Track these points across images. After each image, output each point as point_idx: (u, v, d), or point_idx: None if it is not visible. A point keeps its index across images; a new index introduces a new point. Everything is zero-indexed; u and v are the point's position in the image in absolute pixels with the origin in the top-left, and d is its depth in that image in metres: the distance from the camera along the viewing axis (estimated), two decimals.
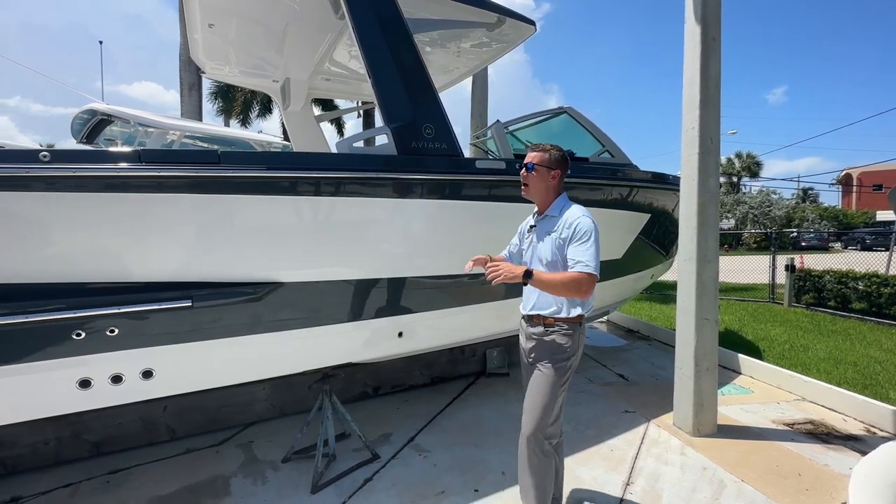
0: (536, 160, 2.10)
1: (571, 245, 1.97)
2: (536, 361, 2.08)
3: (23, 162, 1.82)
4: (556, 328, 2.03)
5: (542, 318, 2.07)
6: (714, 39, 3.03)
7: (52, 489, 2.55)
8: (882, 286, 6.46)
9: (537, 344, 2.08)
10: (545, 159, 2.10)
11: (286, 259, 2.42)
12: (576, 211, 2.05)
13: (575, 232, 1.97)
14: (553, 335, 2.03)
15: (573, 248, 1.96)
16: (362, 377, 3.72)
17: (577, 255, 1.93)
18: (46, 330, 1.97)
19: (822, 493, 2.48)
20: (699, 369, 3.09)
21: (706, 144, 3.05)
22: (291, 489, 2.54)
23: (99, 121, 6.14)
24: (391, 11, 2.75)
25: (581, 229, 1.97)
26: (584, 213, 2.04)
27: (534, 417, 2.04)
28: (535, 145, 2.17)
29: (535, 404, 2.04)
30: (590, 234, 1.96)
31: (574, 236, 1.97)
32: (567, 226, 2.01)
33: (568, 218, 2.03)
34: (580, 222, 1.98)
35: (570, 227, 1.99)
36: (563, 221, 2.03)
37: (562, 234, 2.01)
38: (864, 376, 4.08)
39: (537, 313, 2.08)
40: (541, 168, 2.09)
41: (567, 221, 2.02)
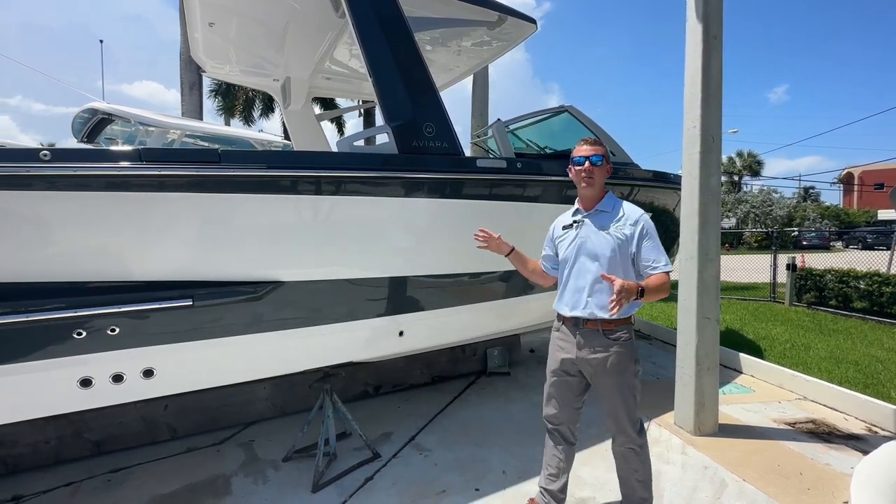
0: (602, 153, 2.06)
1: (644, 245, 1.95)
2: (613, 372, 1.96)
3: (24, 161, 1.81)
4: (620, 333, 1.96)
5: (598, 321, 1.96)
6: (715, 38, 3.02)
7: (53, 488, 2.56)
8: (883, 285, 6.45)
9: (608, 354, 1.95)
10: (606, 153, 2.08)
11: (287, 258, 2.42)
12: (634, 208, 2.05)
13: (643, 231, 1.96)
14: (621, 342, 1.96)
15: (647, 248, 1.95)
16: (363, 376, 3.72)
17: (655, 256, 1.94)
18: (47, 329, 1.97)
19: (823, 492, 2.48)
20: (700, 368, 3.08)
21: (707, 143, 3.05)
22: (292, 488, 2.54)
23: (99, 120, 6.15)
24: (392, 10, 2.74)
25: (648, 228, 1.98)
26: (643, 211, 2.05)
27: (627, 426, 2.02)
28: (586, 139, 2.13)
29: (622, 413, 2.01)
30: (655, 231, 1.99)
31: (643, 235, 1.96)
32: (630, 223, 1.98)
33: (629, 215, 2.01)
34: (645, 220, 1.99)
35: (636, 224, 1.97)
36: (622, 218, 2.00)
37: (625, 231, 1.97)
38: (865, 375, 4.08)
39: (596, 317, 1.95)
40: (606, 163, 2.07)
41: (629, 218, 2.00)
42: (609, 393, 2.01)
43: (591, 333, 1.99)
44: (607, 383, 2.00)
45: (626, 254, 1.97)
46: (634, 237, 1.95)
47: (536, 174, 3.13)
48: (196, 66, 5.88)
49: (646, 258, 1.95)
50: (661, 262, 1.93)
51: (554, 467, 2.18)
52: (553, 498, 2.17)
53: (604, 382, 2.01)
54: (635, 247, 1.96)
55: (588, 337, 1.99)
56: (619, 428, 2.05)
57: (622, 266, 1.96)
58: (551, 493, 2.17)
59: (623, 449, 2.08)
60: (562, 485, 2.17)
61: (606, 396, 2.03)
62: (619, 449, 2.10)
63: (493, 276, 3.16)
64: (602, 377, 2.00)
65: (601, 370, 1.98)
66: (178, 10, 8.54)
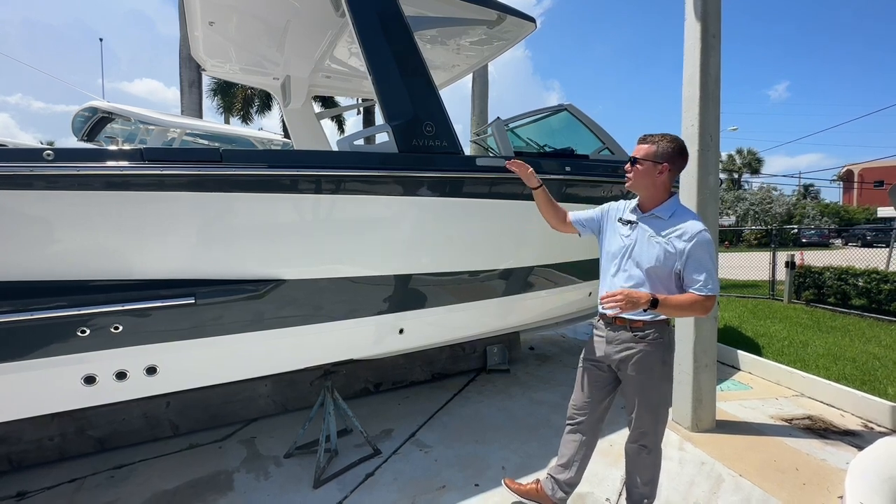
0: (642, 154, 1.94)
1: (692, 261, 1.83)
2: (636, 368, 1.94)
3: (27, 161, 1.83)
4: (652, 331, 1.92)
5: (628, 321, 1.94)
6: (714, 37, 3.03)
7: (57, 484, 2.58)
8: (882, 282, 6.46)
9: (633, 351, 1.94)
10: (651, 152, 1.92)
11: (288, 256, 2.44)
12: (694, 221, 1.88)
13: (696, 247, 1.83)
14: (649, 340, 1.92)
15: (695, 265, 1.83)
16: (364, 374, 3.74)
17: (702, 276, 1.82)
18: (52, 327, 1.99)
19: (819, 487, 2.51)
20: (698, 365, 3.11)
21: (706, 142, 3.06)
22: (294, 484, 2.57)
23: (100, 118, 6.16)
24: (391, 9, 2.75)
25: (703, 245, 1.83)
26: (703, 226, 1.87)
27: (650, 425, 2.02)
28: (646, 136, 1.98)
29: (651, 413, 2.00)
30: (712, 251, 1.86)
31: (694, 252, 1.83)
32: (685, 237, 1.84)
33: (685, 227, 1.86)
34: (701, 236, 1.83)
35: (690, 240, 1.83)
36: (677, 229, 1.87)
37: (676, 245, 1.85)
38: (862, 372, 4.10)
39: (623, 316, 1.93)
40: (646, 162, 1.91)
41: (684, 231, 1.85)
42: (631, 389, 2.01)
43: (619, 330, 1.98)
44: (630, 380, 1.99)
45: (671, 267, 1.87)
46: (684, 253, 1.84)
47: (536, 173, 3.14)
48: (195, 64, 5.88)
49: (687, 277, 1.85)
50: (699, 283, 1.82)
51: (566, 457, 2.20)
52: (559, 487, 2.19)
53: (627, 379, 2.00)
54: (682, 264, 1.85)
55: (617, 333, 1.99)
56: (636, 425, 2.04)
57: (664, 278, 1.88)
58: (557, 482, 2.20)
59: (636, 446, 2.08)
60: (570, 477, 2.19)
61: (628, 392, 2.04)
62: (633, 446, 2.10)
63: (492, 274, 3.18)
64: (626, 373, 1.99)
65: (626, 367, 1.98)
66: (177, 8, 8.53)
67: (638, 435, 2.06)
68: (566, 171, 3.24)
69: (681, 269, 1.86)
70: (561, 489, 2.19)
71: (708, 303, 1.83)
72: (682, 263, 1.85)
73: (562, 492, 2.19)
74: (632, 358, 1.95)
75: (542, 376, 4.21)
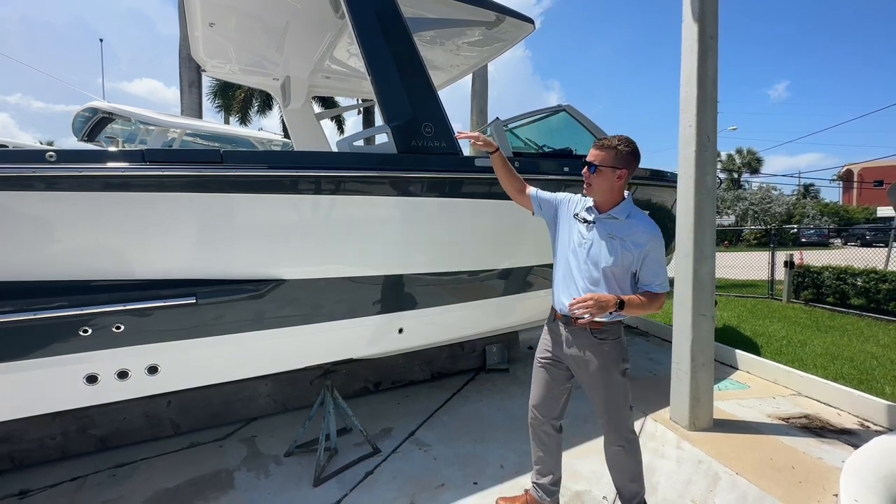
0: (599, 160, 1.95)
1: (650, 261, 1.92)
2: (600, 370, 1.98)
3: (30, 162, 1.85)
4: (608, 333, 1.97)
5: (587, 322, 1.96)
6: (711, 38, 3.05)
7: (59, 482, 2.60)
8: (880, 282, 6.49)
9: (594, 353, 1.98)
10: (610, 158, 1.94)
11: (288, 257, 2.46)
12: (649, 222, 1.97)
13: (653, 247, 1.91)
14: (608, 341, 1.97)
15: (651, 265, 1.92)
16: (363, 373, 3.76)
17: (652, 277, 1.92)
18: (54, 327, 2.00)
19: (814, 485, 2.52)
20: (696, 364, 3.13)
21: (703, 142, 3.08)
22: (294, 482, 2.59)
23: (100, 119, 6.17)
24: (390, 10, 2.77)
25: (657, 245, 1.92)
26: (656, 226, 1.96)
27: (620, 423, 2.05)
28: (601, 139, 2.00)
29: (618, 412, 2.03)
30: (664, 250, 1.95)
31: (650, 252, 1.91)
32: (641, 240, 1.92)
33: (640, 228, 1.94)
34: (655, 237, 1.92)
35: (646, 242, 1.91)
36: (633, 230, 1.94)
37: (635, 244, 1.91)
38: (860, 371, 4.12)
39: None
40: (605, 169, 1.95)
41: (639, 232, 1.93)
42: (595, 391, 2.03)
43: (578, 332, 2.00)
44: (593, 381, 2.01)
45: (627, 267, 1.93)
46: (640, 256, 1.91)
47: (534, 173, 3.16)
48: (195, 64, 5.90)
49: (644, 277, 1.94)
50: (656, 283, 1.92)
51: (541, 462, 2.24)
52: (545, 492, 2.23)
53: (589, 380, 2.02)
54: (638, 265, 1.93)
55: (575, 335, 2.01)
56: (607, 426, 2.07)
57: (619, 278, 1.94)
58: (542, 487, 2.23)
59: (614, 448, 2.10)
60: (553, 479, 2.22)
61: (593, 394, 2.05)
62: (611, 448, 2.12)
63: (491, 274, 3.20)
64: (587, 375, 2.02)
65: (586, 368, 2.01)
66: (177, 8, 8.54)
67: (613, 437, 2.08)
68: (565, 171, 3.25)
69: (638, 269, 1.94)
70: (548, 494, 2.23)
71: (663, 299, 1.95)
72: (639, 263, 1.93)
73: (550, 495, 2.23)
74: (593, 360, 1.98)
75: None
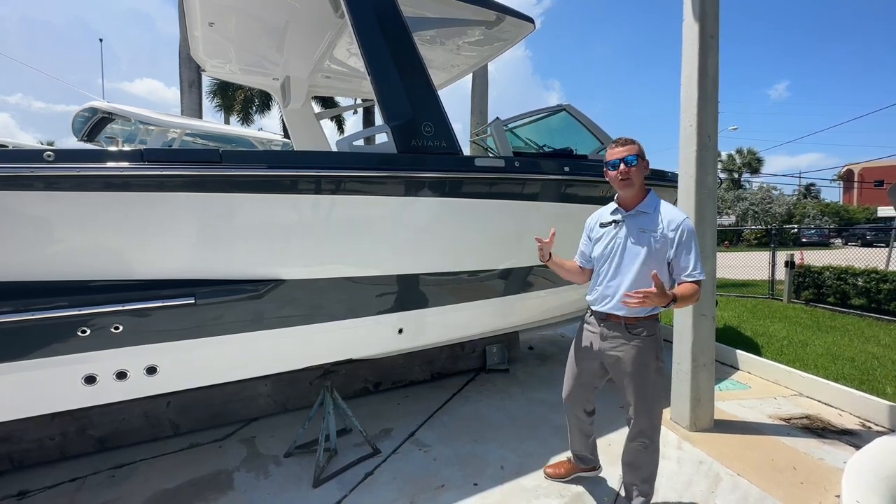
0: (636, 152, 2.02)
1: (682, 251, 1.94)
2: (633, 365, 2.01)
3: (28, 162, 1.84)
4: (642, 328, 2.01)
5: (621, 317, 2.02)
6: (712, 37, 3.04)
7: (58, 483, 2.59)
8: (881, 282, 6.47)
9: (629, 348, 2.02)
10: (636, 150, 2.02)
11: (287, 256, 2.45)
12: (677, 211, 2.02)
13: (683, 236, 1.95)
14: (643, 336, 2.00)
15: (685, 254, 1.94)
16: (363, 373, 3.75)
17: (692, 264, 1.94)
18: (52, 327, 2.00)
19: (816, 486, 2.51)
20: (696, 365, 3.12)
21: (704, 142, 3.07)
22: (294, 483, 2.58)
23: (100, 119, 6.17)
24: (390, 10, 2.76)
25: (689, 234, 1.96)
26: (686, 215, 2.02)
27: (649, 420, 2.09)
28: (617, 140, 2.10)
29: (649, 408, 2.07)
30: (695, 237, 1.98)
31: (683, 241, 1.95)
32: (672, 227, 1.96)
33: (671, 218, 1.98)
34: (686, 225, 1.96)
35: (677, 229, 1.95)
36: (664, 221, 1.98)
37: (667, 235, 1.96)
38: (861, 372, 4.11)
39: (617, 313, 2.03)
40: (642, 161, 2.03)
41: (670, 222, 1.97)
42: (627, 386, 2.07)
43: (614, 327, 2.05)
44: (626, 376, 2.05)
45: (663, 257, 1.97)
46: (674, 242, 1.95)
47: (535, 173, 3.15)
48: (195, 64, 5.88)
49: (683, 265, 1.95)
50: (697, 271, 1.94)
51: (573, 439, 2.49)
52: (581, 460, 2.53)
53: (623, 375, 2.07)
54: (674, 253, 1.96)
55: (611, 330, 2.06)
56: (635, 421, 2.10)
57: (657, 269, 1.93)
58: (578, 456, 2.53)
59: (636, 443, 2.14)
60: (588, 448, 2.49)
61: (624, 389, 2.09)
62: (633, 443, 2.15)
63: (491, 274, 3.19)
64: (621, 370, 2.06)
65: (620, 363, 2.05)
66: (177, 7, 8.54)
67: (637, 432, 2.11)
68: (565, 171, 3.24)
69: (672, 258, 1.97)
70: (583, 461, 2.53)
71: (700, 288, 1.97)
72: (673, 252, 1.96)
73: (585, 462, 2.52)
74: (628, 355, 2.03)
75: (542, 376, 4.22)
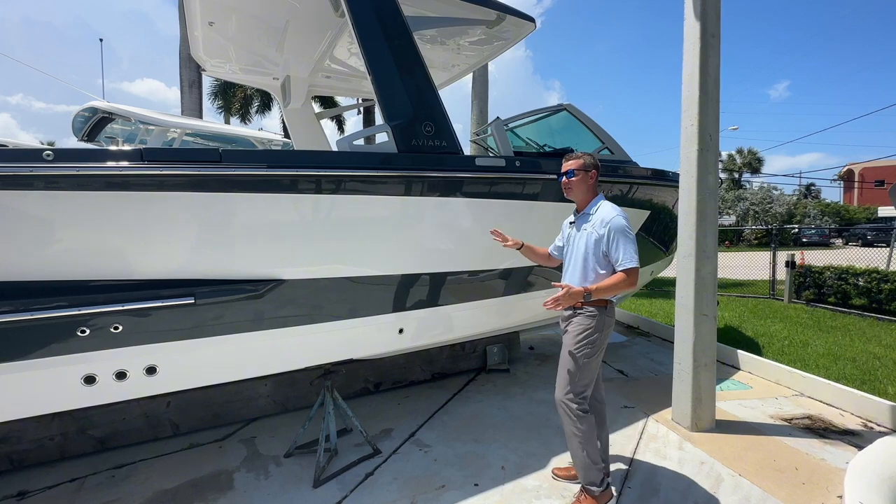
0: (575, 166, 2.33)
1: (611, 244, 2.19)
2: (566, 336, 2.31)
3: (27, 161, 1.83)
4: (582, 311, 2.25)
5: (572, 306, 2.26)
6: (713, 36, 3.03)
7: (58, 483, 2.59)
8: (882, 282, 6.47)
9: (569, 323, 2.30)
10: (582, 164, 2.34)
11: (287, 256, 2.44)
12: (609, 209, 2.26)
13: (610, 231, 2.19)
14: (579, 316, 2.26)
15: (614, 247, 2.19)
16: (363, 373, 3.74)
17: (618, 254, 2.18)
18: (52, 327, 1.99)
19: (818, 486, 2.51)
20: (698, 365, 3.11)
21: (705, 141, 3.06)
22: (294, 483, 2.57)
23: (100, 118, 6.17)
24: (391, 9, 2.76)
25: (615, 229, 2.19)
26: (618, 213, 2.24)
27: (560, 385, 2.29)
28: (568, 155, 2.42)
29: (561, 374, 2.29)
30: (623, 232, 2.19)
31: (611, 236, 2.19)
32: (601, 224, 2.22)
33: (602, 217, 2.24)
34: (613, 221, 2.20)
35: (605, 225, 2.20)
36: (597, 219, 2.26)
37: (598, 231, 2.22)
38: (862, 372, 4.10)
39: None
40: (580, 172, 2.32)
41: (602, 220, 2.23)
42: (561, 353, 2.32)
43: (569, 310, 2.32)
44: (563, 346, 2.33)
45: (599, 252, 2.23)
46: (604, 238, 2.20)
47: (535, 172, 3.15)
48: (196, 64, 5.88)
49: (614, 257, 2.20)
50: (625, 260, 2.16)
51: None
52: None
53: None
54: (605, 246, 2.21)
55: (567, 313, 2.33)
56: (556, 387, 2.32)
57: (595, 262, 2.24)
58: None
59: (560, 408, 2.31)
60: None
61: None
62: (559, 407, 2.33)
63: (492, 274, 3.18)
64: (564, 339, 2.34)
65: (563, 334, 2.34)
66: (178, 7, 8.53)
67: (559, 395, 2.30)
68: None
69: (605, 251, 2.22)
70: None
71: (632, 276, 2.17)
72: (605, 245, 2.21)
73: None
74: (568, 326, 2.31)
75: (542, 376, 4.21)
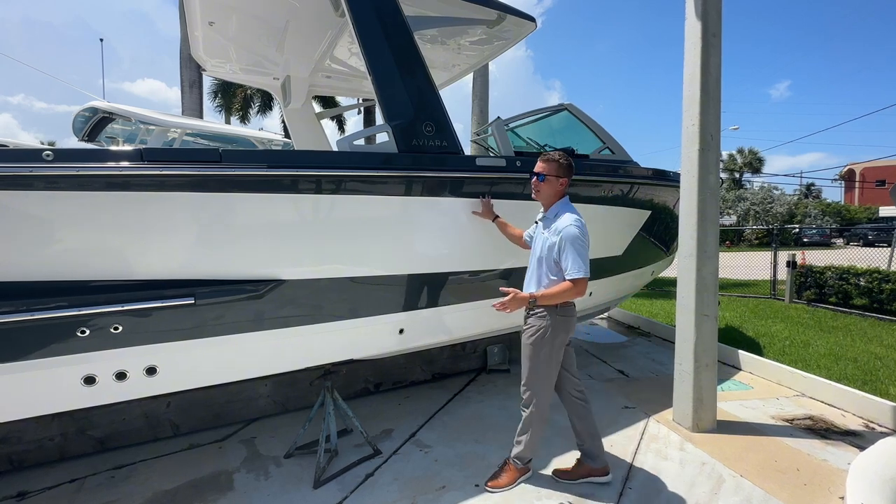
0: (546, 171, 2.36)
1: (562, 253, 2.25)
2: (522, 336, 2.42)
3: (26, 161, 1.83)
4: (535, 312, 2.36)
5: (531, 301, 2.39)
6: (714, 36, 3.02)
7: (57, 484, 2.58)
8: (883, 282, 6.46)
9: (525, 323, 2.42)
10: (554, 169, 2.36)
11: (287, 256, 2.44)
12: (566, 218, 2.30)
13: (561, 240, 2.24)
14: (532, 317, 2.37)
15: (563, 255, 2.24)
16: (364, 373, 3.74)
17: (567, 263, 2.24)
18: (52, 327, 1.99)
19: (820, 487, 2.50)
20: (699, 365, 3.10)
21: (706, 141, 3.05)
22: (294, 484, 2.57)
23: (100, 118, 6.17)
24: (391, 9, 2.75)
25: (566, 238, 2.23)
26: (573, 222, 2.27)
27: (522, 382, 2.45)
28: (544, 154, 2.42)
29: (525, 373, 2.43)
30: (573, 242, 2.22)
31: (562, 245, 2.24)
32: (556, 231, 2.28)
33: (557, 224, 2.30)
34: (566, 231, 2.24)
35: (558, 233, 2.26)
36: (555, 225, 2.31)
37: (552, 238, 2.30)
38: (864, 372, 4.09)
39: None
40: (550, 178, 2.36)
41: (556, 228, 2.29)
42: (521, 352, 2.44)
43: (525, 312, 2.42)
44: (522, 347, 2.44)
45: (551, 258, 2.30)
46: (556, 245, 2.27)
47: None
48: (196, 64, 5.88)
49: (563, 265, 2.26)
50: (570, 269, 2.22)
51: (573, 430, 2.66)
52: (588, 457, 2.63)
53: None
54: (556, 254, 2.28)
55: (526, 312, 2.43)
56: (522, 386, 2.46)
57: (547, 268, 2.33)
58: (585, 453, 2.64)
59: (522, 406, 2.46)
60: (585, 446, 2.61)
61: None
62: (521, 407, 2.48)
63: (492, 274, 3.17)
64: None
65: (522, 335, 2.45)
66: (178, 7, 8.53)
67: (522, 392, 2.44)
68: None
69: (557, 258, 2.27)
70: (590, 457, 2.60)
71: (578, 286, 2.22)
72: (556, 253, 2.27)
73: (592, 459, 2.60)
74: (525, 326, 2.40)
75: None
